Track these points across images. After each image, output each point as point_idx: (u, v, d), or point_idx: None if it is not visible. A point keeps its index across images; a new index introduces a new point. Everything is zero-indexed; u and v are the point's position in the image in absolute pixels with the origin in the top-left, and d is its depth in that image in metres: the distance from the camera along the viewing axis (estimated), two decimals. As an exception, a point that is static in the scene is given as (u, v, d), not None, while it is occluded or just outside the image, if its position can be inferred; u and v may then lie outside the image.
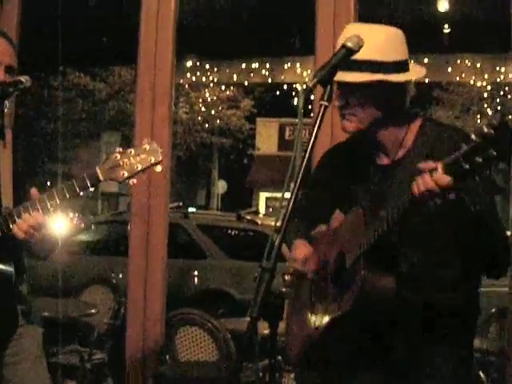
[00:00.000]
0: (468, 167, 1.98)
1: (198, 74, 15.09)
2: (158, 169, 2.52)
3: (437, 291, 2.39)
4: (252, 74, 14.79)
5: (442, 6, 9.50)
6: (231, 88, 24.86)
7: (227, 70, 15.05)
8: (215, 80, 15.74)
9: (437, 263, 2.39)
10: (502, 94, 22.11)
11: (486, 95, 22.07)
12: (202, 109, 25.39)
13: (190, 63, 14.62)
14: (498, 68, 13.48)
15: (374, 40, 2.35)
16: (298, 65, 14.30)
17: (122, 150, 2.52)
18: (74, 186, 2.56)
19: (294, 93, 22.35)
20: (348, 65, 2.24)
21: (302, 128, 2.11)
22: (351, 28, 2.45)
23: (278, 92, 22.97)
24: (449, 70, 13.30)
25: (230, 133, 26.18)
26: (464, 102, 22.79)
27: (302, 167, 2.04)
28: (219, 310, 9.41)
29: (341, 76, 2.27)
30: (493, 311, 5.53)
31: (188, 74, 14.97)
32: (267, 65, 14.49)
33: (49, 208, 2.59)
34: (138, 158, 2.50)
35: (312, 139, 2.07)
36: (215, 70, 15.05)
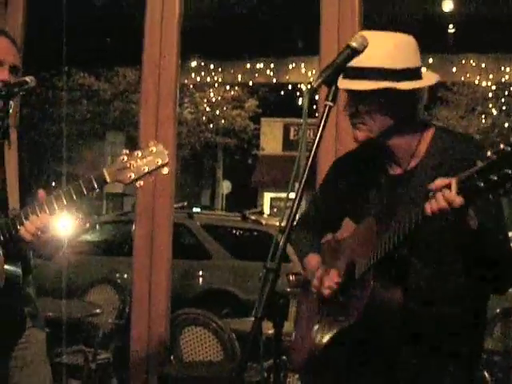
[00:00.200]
0: (482, 185, 1.92)
1: (203, 74, 15.12)
2: (165, 171, 2.52)
3: (444, 304, 2.35)
4: (256, 74, 14.80)
5: (447, 6, 9.51)
6: (236, 88, 24.87)
7: (232, 70, 15.07)
8: (220, 80, 15.77)
9: (445, 275, 2.34)
10: (506, 93, 22.08)
11: (490, 95, 22.04)
12: (207, 109, 25.40)
13: (194, 63, 14.65)
14: (503, 68, 13.48)
15: (384, 47, 2.31)
16: (302, 65, 14.30)
17: (129, 152, 2.51)
18: (80, 188, 2.56)
19: (298, 93, 22.34)
20: (357, 73, 2.21)
21: (306, 128, 2.10)
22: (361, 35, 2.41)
23: (282, 92, 22.98)
24: (453, 69, 13.29)
25: (235, 133, 26.19)
26: (469, 101, 22.76)
27: (307, 167, 2.02)
28: (224, 309, 9.41)
29: (349, 84, 2.26)
30: (497, 311, 5.54)
31: (192, 75, 15.00)
32: (272, 65, 14.50)
33: (56, 209, 2.59)
34: (144, 160, 2.49)
35: (317, 139, 2.05)
36: (220, 70, 15.08)
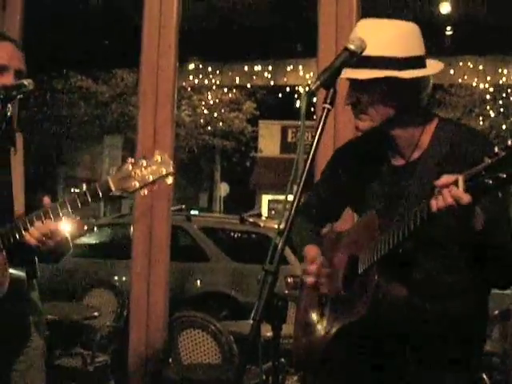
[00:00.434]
0: (491, 183, 1.90)
1: (201, 76, 15.10)
2: (170, 180, 2.54)
3: (449, 298, 2.34)
4: (254, 77, 14.78)
5: (445, 8, 9.50)
6: (233, 90, 24.88)
7: (229, 73, 15.06)
8: (217, 83, 15.74)
9: (450, 269, 2.33)
10: (504, 96, 22.10)
11: (488, 97, 22.06)
12: (205, 111, 25.41)
13: (192, 66, 14.63)
14: (501, 70, 13.48)
15: (386, 35, 2.30)
16: (300, 67, 14.29)
17: (135, 160, 2.54)
18: (85, 196, 2.60)
19: (296, 95, 22.35)
20: (357, 61, 2.18)
21: (304, 130, 2.10)
22: (364, 24, 2.38)
23: (280, 94, 22.99)
24: (451, 71, 13.28)
25: (233, 135, 26.20)
26: (466, 104, 22.77)
27: (305, 170, 2.02)
28: (222, 312, 9.42)
29: (350, 73, 2.24)
30: (496, 313, 5.54)
31: (190, 77, 14.98)
32: (270, 67, 14.48)
33: (61, 216, 2.63)
34: (149, 169, 2.53)
35: (315, 142, 2.04)
36: (217, 72, 15.06)
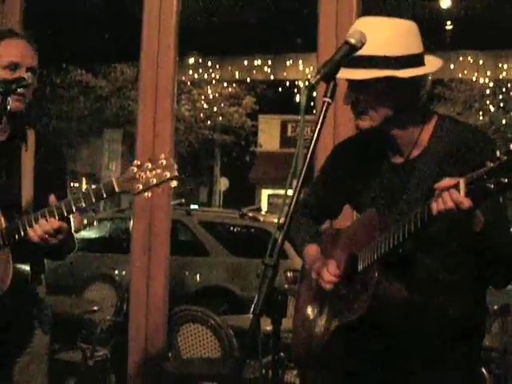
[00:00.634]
0: (492, 187, 1.90)
1: (200, 71, 15.09)
2: (174, 184, 2.57)
3: (448, 297, 2.35)
4: (254, 71, 14.76)
5: (445, 2, 9.49)
6: (233, 85, 24.87)
7: (229, 67, 15.04)
8: (217, 77, 15.72)
9: (450, 267, 2.34)
10: (504, 90, 22.09)
11: (488, 92, 22.05)
12: (204, 106, 25.41)
13: (192, 60, 14.61)
14: (501, 65, 13.46)
15: (383, 34, 2.29)
16: (300, 62, 14.27)
17: (140, 163, 2.57)
18: (90, 196, 2.65)
19: (296, 90, 22.33)
20: (355, 61, 2.18)
21: (304, 125, 2.09)
22: (361, 22, 2.37)
23: (280, 89, 22.96)
24: (451, 66, 13.26)
25: (232, 130, 26.20)
26: (466, 98, 22.77)
27: (305, 164, 2.01)
28: (222, 306, 9.43)
29: (347, 73, 2.23)
30: (495, 308, 5.54)
31: (190, 71, 14.96)
32: (269, 62, 14.46)
33: (65, 215, 2.69)
34: (153, 172, 2.55)
35: (315, 136, 2.03)
36: (217, 67, 15.04)
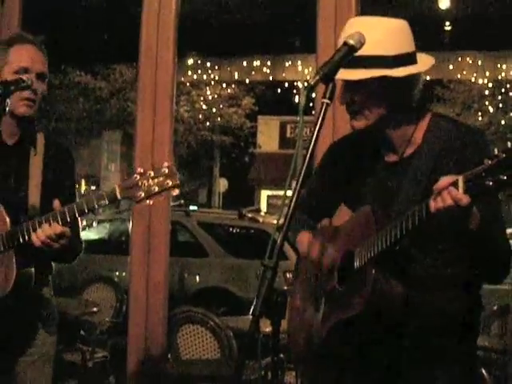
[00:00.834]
0: (491, 185, 1.90)
1: (200, 72, 15.11)
2: (175, 192, 2.60)
3: (445, 292, 2.35)
4: (253, 72, 14.78)
5: (444, 3, 9.50)
6: (232, 86, 24.86)
7: (228, 68, 15.06)
8: (216, 78, 15.76)
9: (445, 263, 2.35)
10: (503, 91, 22.08)
11: (487, 92, 22.04)
12: (204, 107, 25.39)
13: (191, 61, 14.63)
14: (500, 65, 13.48)
15: (375, 34, 2.29)
16: (299, 62, 14.29)
17: (143, 171, 2.60)
18: (92, 202, 2.68)
19: (295, 90, 22.34)
20: (348, 62, 2.18)
21: (303, 126, 2.09)
22: (353, 22, 2.39)
23: (279, 90, 22.97)
24: (450, 67, 13.29)
25: (231, 131, 26.18)
26: (465, 99, 22.75)
27: (304, 165, 2.01)
28: (221, 308, 9.42)
29: (342, 74, 2.22)
30: (495, 309, 5.54)
31: (189, 72, 14.99)
32: (268, 62, 14.48)
33: (68, 221, 2.72)
34: (156, 180, 2.58)
35: (314, 137, 2.04)
36: (216, 67, 15.07)
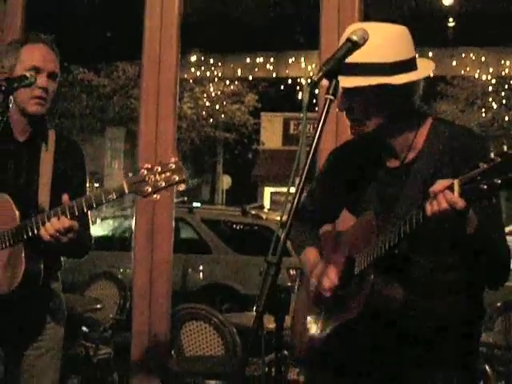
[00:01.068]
0: (486, 188, 1.90)
1: (203, 68, 15.11)
2: (182, 187, 2.65)
3: (444, 297, 2.36)
4: (256, 69, 14.77)
5: (447, -1, 9.49)
6: (235, 83, 24.85)
7: (231, 65, 15.05)
8: (219, 75, 15.74)
9: (444, 268, 2.35)
10: (506, 87, 22.06)
11: (490, 89, 22.03)
12: (207, 104, 25.39)
13: (194, 58, 14.62)
14: (503, 61, 13.46)
15: (374, 41, 2.25)
16: (302, 59, 14.28)
17: (150, 166, 2.64)
18: (100, 197, 2.72)
19: (298, 87, 22.31)
20: (347, 69, 2.18)
21: (306, 122, 2.09)
22: (352, 29, 2.34)
23: (282, 86, 22.96)
24: (453, 63, 13.27)
25: (235, 127, 26.18)
26: (468, 95, 22.74)
27: (308, 162, 2.01)
28: (224, 304, 9.42)
29: (341, 81, 2.19)
30: (498, 305, 5.54)
31: (192, 69, 14.98)
32: (272, 59, 14.47)
33: (76, 215, 2.77)
34: (163, 176, 2.62)
35: (317, 134, 2.03)
36: (219, 64, 15.06)
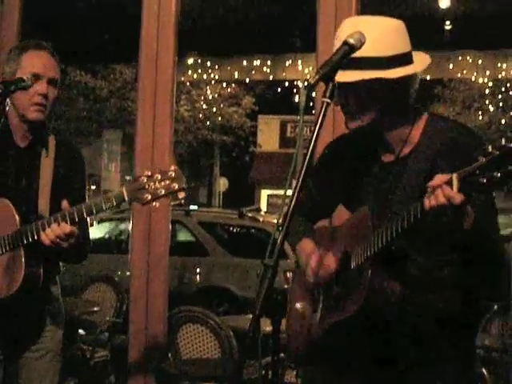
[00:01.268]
0: (485, 182, 1.90)
1: (199, 71, 15.07)
2: (181, 195, 2.64)
3: (441, 293, 2.36)
4: (253, 71, 14.75)
5: (443, 2, 9.48)
6: (232, 85, 24.87)
7: (228, 68, 15.02)
8: (216, 77, 15.70)
9: (441, 263, 2.35)
10: (503, 90, 22.11)
11: (487, 92, 22.07)
12: (204, 106, 25.40)
13: (191, 60, 14.59)
14: (500, 64, 13.45)
15: (370, 35, 2.24)
16: (299, 62, 14.25)
17: (150, 173, 2.64)
18: (100, 204, 2.74)
19: (295, 90, 22.34)
20: (344, 63, 2.16)
21: (303, 125, 2.10)
22: (347, 23, 2.39)
23: (279, 89, 22.98)
24: (450, 66, 13.26)
25: (232, 130, 26.20)
26: (465, 98, 22.78)
27: (305, 164, 2.01)
28: (221, 307, 9.42)
29: (337, 75, 2.24)
30: (495, 308, 5.54)
31: (189, 72, 14.94)
32: (268, 62, 14.44)
33: (76, 221, 2.79)
34: (162, 183, 2.62)
35: (314, 136, 2.04)
36: (216, 67, 15.03)
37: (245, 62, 14.39)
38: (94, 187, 24.01)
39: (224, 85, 24.60)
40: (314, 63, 5.81)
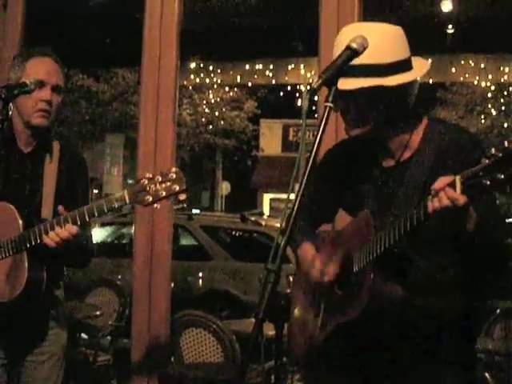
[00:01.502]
0: (488, 184, 1.91)
1: (202, 75, 15.09)
2: (182, 197, 2.65)
3: (443, 294, 2.36)
4: (255, 76, 14.76)
5: (446, 6, 9.48)
6: (235, 89, 24.89)
7: (231, 72, 15.03)
8: (219, 81, 15.72)
9: (443, 266, 2.36)
10: (505, 94, 22.10)
11: (489, 95, 22.06)
12: (206, 110, 25.42)
13: (193, 65, 14.61)
14: (502, 68, 13.45)
15: (369, 42, 2.23)
16: (301, 66, 14.27)
17: (151, 176, 2.65)
18: (103, 207, 2.75)
19: (297, 94, 22.33)
20: (343, 70, 2.17)
21: (306, 129, 2.10)
22: (348, 29, 2.40)
23: (281, 93, 22.98)
24: (452, 70, 13.26)
25: (234, 134, 26.21)
26: (467, 102, 22.79)
27: (307, 169, 2.02)
28: (224, 311, 9.42)
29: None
30: (498, 312, 5.53)
31: (192, 76, 14.96)
32: (271, 66, 14.45)
33: (79, 224, 2.82)
34: (163, 185, 2.63)
35: (317, 140, 2.04)
36: (219, 71, 15.04)
37: (247, 66, 14.40)
38: (96, 191, 24.03)
39: (226, 89, 24.62)
40: (316, 67, 5.81)
